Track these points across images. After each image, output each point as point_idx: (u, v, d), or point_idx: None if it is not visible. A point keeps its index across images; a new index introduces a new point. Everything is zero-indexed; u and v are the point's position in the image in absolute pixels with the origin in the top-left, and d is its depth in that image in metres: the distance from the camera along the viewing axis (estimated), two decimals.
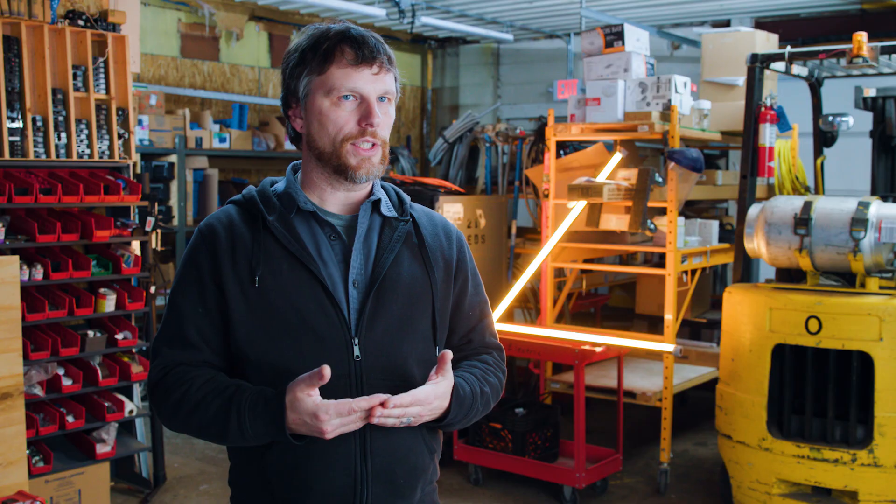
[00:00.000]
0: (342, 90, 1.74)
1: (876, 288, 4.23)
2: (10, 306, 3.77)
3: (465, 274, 1.95)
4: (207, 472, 5.33)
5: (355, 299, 1.78)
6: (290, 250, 1.77)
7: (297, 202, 1.81)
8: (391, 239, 1.83)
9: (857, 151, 6.24)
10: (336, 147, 1.77)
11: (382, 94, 1.78)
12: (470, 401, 1.82)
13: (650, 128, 5.10)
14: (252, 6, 8.46)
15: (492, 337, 2.00)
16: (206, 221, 1.86)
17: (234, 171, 8.51)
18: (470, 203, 6.02)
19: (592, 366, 5.53)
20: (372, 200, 1.85)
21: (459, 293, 1.93)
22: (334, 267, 1.79)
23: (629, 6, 7.94)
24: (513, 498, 5.06)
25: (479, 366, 1.92)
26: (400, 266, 1.82)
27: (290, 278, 1.76)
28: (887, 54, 4.52)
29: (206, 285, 1.78)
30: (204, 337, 1.79)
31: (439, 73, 10.63)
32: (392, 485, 1.80)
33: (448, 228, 1.96)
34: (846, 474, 4.10)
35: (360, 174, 1.78)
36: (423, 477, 1.86)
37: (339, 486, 1.76)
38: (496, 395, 1.93)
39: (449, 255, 1.91)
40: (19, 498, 3.60)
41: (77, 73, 4.65)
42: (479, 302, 1.98)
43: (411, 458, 1.81)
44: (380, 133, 1.77)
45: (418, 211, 1.94)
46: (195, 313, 1.79)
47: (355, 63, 1.74)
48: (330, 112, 1.76)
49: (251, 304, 1.76)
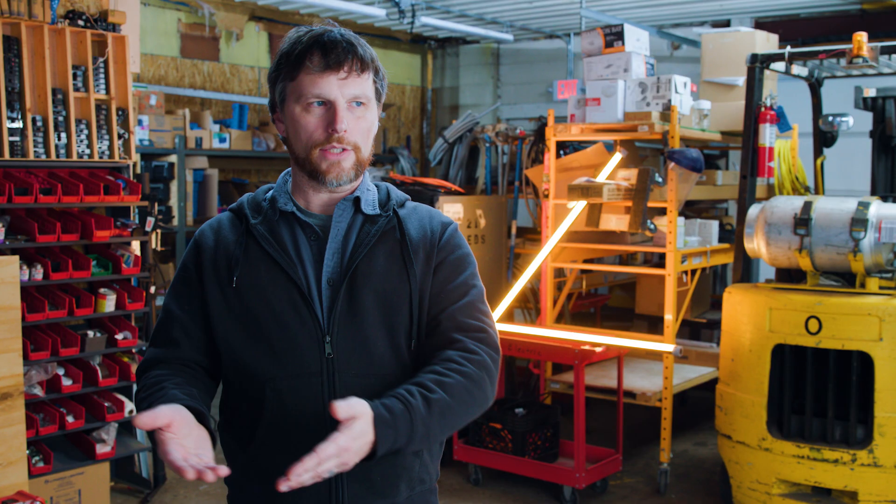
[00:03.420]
0: (309, 97, 1.75)
1: (876, 288, 4.23)
2: (10, 306, 3.77)
3: (445, 256, 1.86)
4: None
5: (328, 297, 1.79)
6: (269, 252, 1.81)
7: (278, 204, 1.85)
8: (368, 235, 1.83)
9: (857, 151, 6.24)
10: (308, 153, 1.78)
11: (353, 98, 1.77)
12: (408, 418, 1.65)
13: (650, 128, 5.10)
14: (252, 6, 8.46)
15: (470, 318, 1.82)
16: (200, 228, 1.94)
17: (234, 171, 8.51)
18: (470, 203, 6.02)
19: (592, 366, 5.53)
20: (351, 199, 1.85)
21: (435, 276, 1.84)
22: (311, 266, 1.81)
23: (629, 6, 7.93)
24: (513, 498, 5.06)
25: (435, 368, 1.76)
26: (374, 261, 1.81)
27: (266, 279, 1.80)
28: (887, 54, 4.52)
29: (192, 286, 1.87)
30: (188, 334, 1.86)
31: (439, 73, 10.63)
32: (369, 483, 1.80)
33: (435, 218, 1.91)
34: (846, 474, 4.10)
35: (331, 178, 1.78)
36: (406, 475, 1.84)
37: (314, 485, 1.72)
38: (467, 391, 1.75)
39: (431, 244, 1.86)
40: (19, 498, 3.60)
41: (77, 73, 4.65)
42: (462, 285, 1.85)
43: (388, 457, 1.71)
44: (349, 138, 1.77)
45: (408, 208, 1.92)
46: (182, 312, 1.87)
47: (321, 70, 1.74)
48: (300, 118, 1.77)
49: (229, 304, 1.82)
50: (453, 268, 1.87)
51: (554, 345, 4.99)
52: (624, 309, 7.39)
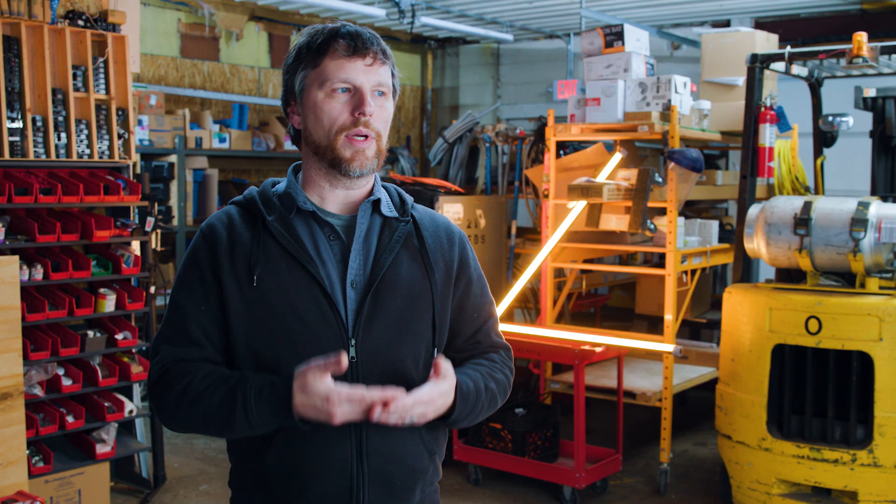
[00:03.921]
0: (335, 82, 1.75)
1: (876, 288, 4.23)
2: (10, 306, 3.77)
3: (468, 275, 1.93)
4: (207, 472, 5.33)
5: (353, 300, 1.78)
6: (289, 250, 1.77)
7: (297, 202, 1.81)
8: (391, 239, 1.82)
9: (857, 151, 6.24)
10: (331, 140, 1.77)
11: (377, 86, 1.78)
12: (475, 397, 1.81)
13: (650, 128, 5.10)
14: (252, 6, 8.46)
15: (497, 337, 2.00)
16: (207, 222, 1.86)
17: (234, 171, 8.51)
18: (470, 203, 6.02)
19: (592, 366, 5.53)
20: (371, 200, 1.85)
21: (462, 295, 1.92)
22: (333, 267, 1.79)
23: (629, 6, 7.94)
24: (512, 498, 5.06)
25: (484, 363, 1.91)
26: (399, 267, 1.81)
27: (288, 278, 1.76)
28: (887, 54, 4.52)
29: (207, 284, 1.79)
30: (207, 334, 1.79)
31: (439, 73, 10.63)
32: (389, 487, 1.80)
33: (450, 230, 1.94)
34: (846, 474, 4.10)
35: (354, 167, 1.77)
36: (422, 479, 1.86)
37: (335, 488, 1.76)
38: (503, 391, 1.93)
39: (450, 257, 1.90)
40: (19, 498, 3.60)
41: (77, 73, 4.65)
42: (486, 303, 1.97)
43: (409, 460, 1.80)
44: (373, 124, 1.77)
45: (420, 212, 1.93)
46: (198, 311, 1.79)
47: (348, 54, 1.75)
48: (324, 104, 1.76)
49: (249, 303, 1.76)
50: (477, 285, 1.97)
51: (554, 345, 4.99)
52: (624, 309, 7.39)
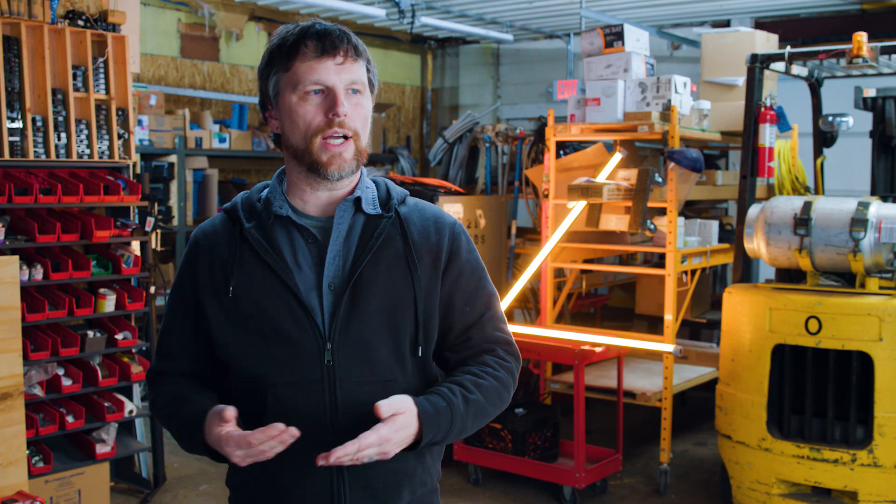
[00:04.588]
0: (307, 84, 1.73)
1: (876, 288, 4.23)
2: (10, 306, 3.77)
3: (458, 268, 1.85)
4: (207, 472, 5.33)
5: (329, 303, 1.76)
6: (264, 258, 1.77)
7: (273, 207, 1.80)
8: (370, 237, 1.79)
9: (857, 151, 6.24)
10: (307, 143, 1.74)
11: (350, 84, 1.75)
12: (448, 415, 1.74)
13: (650, 128, 5.10)
14: (252, 6, 8.46)
15: (496, 331, 1.89)
16: (194, 232, 1.90)
17: (234, 171, 8.51)
18: (470, 203, 6.02)
19: (592, 366, 5.53)
20: (352, 199, 1.81)
21: (452, 287, 1.85)
22: (310, 271, 1.77)
23: (629, 6, 7.93)
24: (512, 498, 5.06)
25: (470, 372, 1.84)
26: (377, 265, 1.77)
27: (262, 287, 1.76)
28: (887, 54, 4.52)
29: (186, 297, 1.85)
30: (184, 347, 1.87)
31: (439, 74, 10.63)
32: (371, 490, 1.79)
33: (440, 221, 1.88)
34: (846, 474, 4.10)
35: (332, 171, 1.75)
36: (409, 480, 1.83)
37: (316, 491, 1.77)
38: (497, 395, 1.84)
39: (437, 250, 1.83)
40: (19, 498, 3.60)
41: (77, 73, 4.65)
42: (482, 295, 1.88)
43: (390, 464, 1.75)
44: (349, 123, 1.74)
45: (409, 206, 1.88)
46: (177, 324, 1.88)
47: (317, 55, 1.73)
48: (298, 107, 1.74)
49: (227, 313, 1.79)
50: (469, 277, 1.87)
51: (554, 345, 4.99)
52: (624, 309, 7.39)
